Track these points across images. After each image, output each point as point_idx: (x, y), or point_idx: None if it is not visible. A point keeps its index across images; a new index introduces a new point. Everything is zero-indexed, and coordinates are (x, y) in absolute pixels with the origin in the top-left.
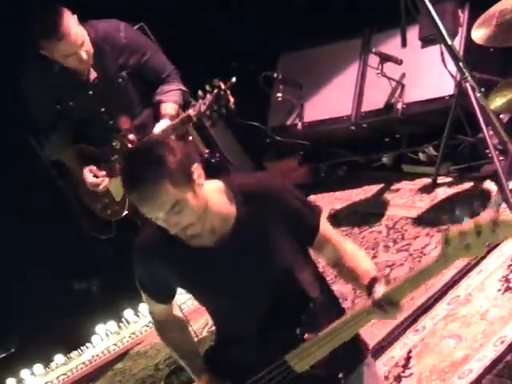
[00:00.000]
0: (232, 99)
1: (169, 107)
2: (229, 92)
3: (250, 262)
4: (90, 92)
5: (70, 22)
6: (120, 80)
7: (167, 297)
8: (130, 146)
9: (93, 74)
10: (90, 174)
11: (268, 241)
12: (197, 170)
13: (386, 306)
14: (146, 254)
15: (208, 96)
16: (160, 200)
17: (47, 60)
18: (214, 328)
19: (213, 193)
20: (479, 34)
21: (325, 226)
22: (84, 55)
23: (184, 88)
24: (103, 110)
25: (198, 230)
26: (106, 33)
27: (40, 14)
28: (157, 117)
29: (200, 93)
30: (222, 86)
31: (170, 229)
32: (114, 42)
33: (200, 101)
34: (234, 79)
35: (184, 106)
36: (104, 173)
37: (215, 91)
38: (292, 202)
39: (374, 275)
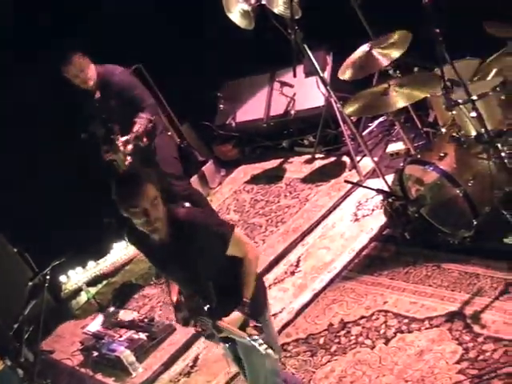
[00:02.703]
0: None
1: (135, 127)
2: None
3: (175, 262)
4: (97, 105)
5: (78, 60)
6: (112, 104)
7: None
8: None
9: (97, 94)
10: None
11: (185, 255)
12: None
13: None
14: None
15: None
16: (149, 191)
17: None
18: None
19: None
20: (344, 74)
21: (235, 237)
22: (84, 80)
23: (151, 118)
24: (104, 116)
25: (161, 225)
26: (106, 72)
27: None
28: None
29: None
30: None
31: (147, 221)
32: (109, 80)
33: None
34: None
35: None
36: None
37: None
38: (209, 228)
39: (244, 296)
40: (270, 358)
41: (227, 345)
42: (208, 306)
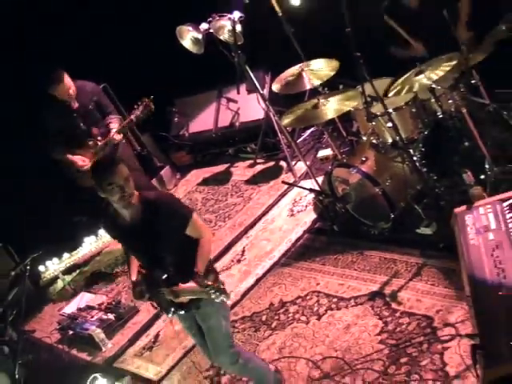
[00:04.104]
0: (153, 106)
1: (113, 126)
2: (151, 103)
3: (141, 237)
4: (75, 114)
5: (64, 76)
6: (90, 107)
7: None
8: (99, 143)
9: (76, 104)
10: (80, 160)
11: (151, 230)
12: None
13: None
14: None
15: (140, 107)
16: (123, 170)
17: (53, 104)
18: None
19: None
20: (276, 87)
21: (194, 220)
22: (71, 92)
23: (120, 117)
24: (82, 124)
25: (135, 200)
26: (80, 86)
27: (52, 72)
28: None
29: (135, 106)
30: (147, 100)
31: (123, 196)
32: (85, 90)
33: (135, 110)
34: (152, 97)
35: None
36: (87, 159)
37: (144, 103)
38: (174, 208)
39: (198, 270)
40: (225, 300)
41: (183, 312)
42: (166, 275)
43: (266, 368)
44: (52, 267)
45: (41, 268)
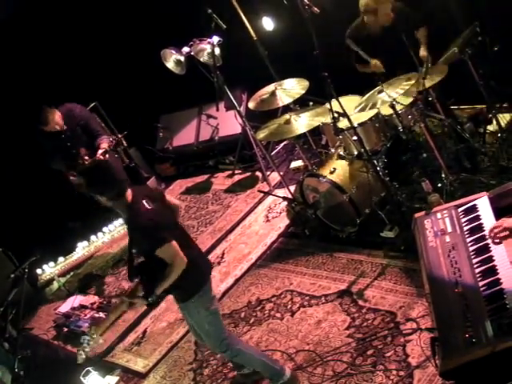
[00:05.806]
0: (125, 143)
1: (104, 144)
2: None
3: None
4: (63, 136)
5: (50, 116)
6: (78, 130)
7: None
8: (86, 163)
9: (65, 127)
10: (71, 177)
11: (131, 239)
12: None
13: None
14: None
15: (113, 140)
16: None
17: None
18: None
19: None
20: (252, 104)
21: (168, 246)
22: (57, 128)
23: (109, 137)
24: (69, 144)
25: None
26: (68, 110)
27: (39, 114)
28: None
29: (115, 137)
30: (120, 136)
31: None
32: (72, 114)
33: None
34: (125, 132)
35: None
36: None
37: (117, 139)
38: (151, 229)
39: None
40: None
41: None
42: (137, 279)
43: (256, 354)
44: (48, 270)
45: (38, 271)
